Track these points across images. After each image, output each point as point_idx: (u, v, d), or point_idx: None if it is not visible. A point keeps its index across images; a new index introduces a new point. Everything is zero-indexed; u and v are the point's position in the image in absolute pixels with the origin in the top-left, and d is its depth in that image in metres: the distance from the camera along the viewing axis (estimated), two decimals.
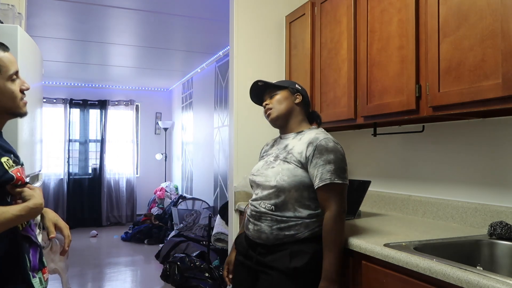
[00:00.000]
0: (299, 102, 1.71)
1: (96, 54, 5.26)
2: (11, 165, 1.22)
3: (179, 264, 3.65)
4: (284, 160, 1.61)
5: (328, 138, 1.60)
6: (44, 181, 6.67)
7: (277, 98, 1.70)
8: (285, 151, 1.64)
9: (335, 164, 1.53)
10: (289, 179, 1.56)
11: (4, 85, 1.25)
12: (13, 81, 1.27)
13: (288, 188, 1.56)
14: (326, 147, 1.55)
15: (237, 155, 2.75)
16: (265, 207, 1.60)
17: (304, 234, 1.55)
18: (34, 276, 1.24)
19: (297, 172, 1.57)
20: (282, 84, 1.74)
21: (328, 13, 2.35)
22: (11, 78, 1.26)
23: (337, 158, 1.54)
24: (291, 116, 1.70)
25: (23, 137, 1.70)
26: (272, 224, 1.57)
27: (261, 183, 1.64)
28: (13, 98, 1.27)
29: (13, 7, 1.94)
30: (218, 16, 3.72)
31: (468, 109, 1.52)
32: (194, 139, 6.49)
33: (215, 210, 5.38)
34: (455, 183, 1.94)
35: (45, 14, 3.73)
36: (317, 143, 1.56)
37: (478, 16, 1.46)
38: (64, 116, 7.14)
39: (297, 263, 1.51)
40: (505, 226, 1.53)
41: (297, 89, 1.72)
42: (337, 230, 1.50)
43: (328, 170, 1.52)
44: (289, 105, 1.69)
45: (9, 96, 1.26)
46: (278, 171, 1.59)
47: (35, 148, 2.01)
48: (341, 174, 1.53)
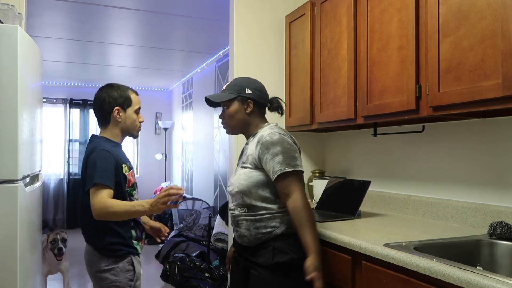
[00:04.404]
0: (251, 111, 1.72)
1: (96, 54, 5.26)
2: (126, 170, 1.82)
3: (179, 264, 3.65)
4: (242, 166, 1.71)
5: (272, 132, 1.63)
6: (44, 181, 6.67)
7: (228, 113, 1.74)
8: (245, 156, 1.72)
9: (283, 155, 1.57)
10: (246, 182, 1.64)
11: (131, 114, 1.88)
12: (136, 113, 1.91)
13: (248, 189, 1.63)
14: (271, 141, 1.59)
15: (237, 155, 2.75)
16: (239, 211, 1.68)
17: (280, 229, 1.61)
18: (138, 243, 1.86)
19: (252, 173, 1.64)
20: (231, 91, 1.73)
21: (328, 13, 2.35)
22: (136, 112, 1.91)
23: (284, 148, 1.58)
24: (246, 125, 1.75)
25: (23, 137, 1.70)
26: (249, 226, 1.64)
27: (230, 192, 1.74)
28: (134, 124, 1.91)
29: (13, 7, 1.94)
30: (218, 16, 3.72)
31: (468, 109, 1.52)
32: (194, 139, 6.49)
33: (215, 210, 5.38)
34: (455, 183, 1.94)
35: (45, 14, 3.73)
36: (263, 141, 1.61)
37: (478, 16, 1.46)
38: (64, 116, 7.14)
39: (279, 259, 1.57)
40: (505, 226, 1.53)
41: (247, 96, 1.71)
42: (306, 208, 1.55)
43: (277, 162, 1.57)
44: (240, 117, 1.73)
45: (132, 122, 1.89)
46: (237, 177, 1.69)
47: (35, 148, 2.01)
48: (291, 162, 1.57)
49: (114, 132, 1.87)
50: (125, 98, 1.86)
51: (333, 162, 2.84)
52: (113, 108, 1.84)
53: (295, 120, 2.65)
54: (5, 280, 1.60)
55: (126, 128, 1.88)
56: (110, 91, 1.86)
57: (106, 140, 1.84)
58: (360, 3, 2.06)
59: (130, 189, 1.84)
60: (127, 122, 1.87)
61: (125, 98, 1.86)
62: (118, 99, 1.85)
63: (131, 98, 1.88)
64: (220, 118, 1.80)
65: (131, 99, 1.88)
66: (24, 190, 1.72)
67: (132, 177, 1.86)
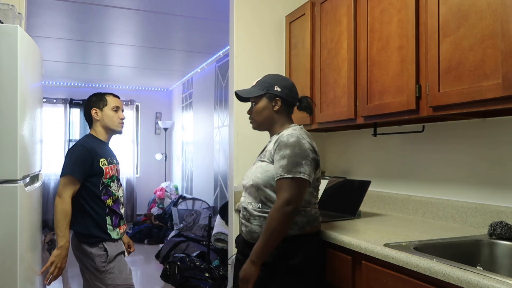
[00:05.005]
0: (278, 109, 1.71)
1: (96, 54, 5.26)
2: (104, 164, 2.09)
3: (179, 264, 3.65)
4: (260, 160, 1.69)
5: (292, 134, 1.60)
6: (44, 181, 6.67)
7: (256, 109, 1.74)
8: (264, 151, 1.71)
9: (288, 159, 1.54)
10: (261, 175, 1.62)
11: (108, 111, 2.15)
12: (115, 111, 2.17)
13: (262, 184, 1.61)
14: (285, 143, 1.58)
15: (237, 155, 2.75)
16: (252, 207, 1.65)
17: (294, 231, 1.58)
18: (114, 229, 2.08)
19: (269, 167, 1.61)
20: (261, 88, 1.72)
21: (328, 13, 2.35)
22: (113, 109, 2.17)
23: (292, 153, 1.55)
24: (272, 122, 1.74)
25: (23, 137, 1.70)
26: (261, 223, 1.61)
27: (244, 185, 1.72)
28: (112, 121, 2.16)
29: (13, 7, 1.94)
30: (218, 16, 3.72)
31: (468, 109, 1.52)
32: (194, 139, 6.49)
33: (215, 210, 5.38)
34: (455, 183, 1.94)
35: (45, 14, 3.73)
36: (280, 140, 1.60)
37: (478, 16, 1.46)
38: (64, 116, 7.14)
39: (288, 260, 1.55)
40: (505, 226, 1.53)
41: (275, 94, 1.70)
42: (273, 218, 1.52)
43: (280, 165, 1.55)
44: (267, 114, 1.72)
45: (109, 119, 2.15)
46: (254, 170, 1.68)
47: (35, 148, 2.01)
48: (292, 169, 1.53)
49: (98, 131, 2.17)
50: (100, 100, 2.17)
51: (333, 162, 2.84)
52: (91, 109, 2.16)
53: (295, 120, 2.62)
54: (5, 280, 1.60)
55: (106, 125, 2.15)
56: (90, 97, 2.22)
57: (91, 136, 2.16)
58: (360, 3, 2.06)
59: (108, 180, 2.11)
60: (105, 120, 2.15)
61: (101, 99, 2.17)
62: (95, 101, 2.17)
63: (106, 99, 2.18)
64: (248, 113, 1.79)
65: (107, 99, 2.17)
66: (24, 190, 1.72)
67: (110, 171, 2.13)
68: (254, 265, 1.52)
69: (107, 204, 2.08)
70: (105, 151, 2.16)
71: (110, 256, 2.02)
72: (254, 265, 1.52)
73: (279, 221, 1.51)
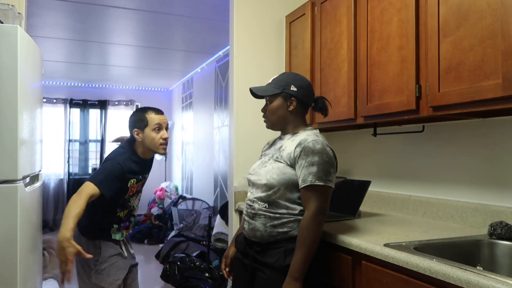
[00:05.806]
0: (293, 109, 1.68)
1: (96, 54, 5.26)
2: (132, 184, 2.04)
3: (179, 264, 3.65)
4: (275, 160, 1.65)
5: (317, 140, 1.58)
6: (44, 181, 6.67)
7: (270, 108, 1.70)
8: (279, 151, 1.67)
9: (318, 166, 1.52)
10: (278, 177, 1.59)
11: (149, 133, 2.03)
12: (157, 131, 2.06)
13: (277, 185, 1.59)
14: (312, 149, 1.55)
15: (237, 155, 2.75)
16: (259, 205, 1.63)
17: (297, 231, 1.57)
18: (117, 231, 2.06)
19: (286, 170, 1.59)
20: (276, 86, 1.69)
21: (328, 13, 2.35)
22: (154, 130, 2.05)
23: (321, 160, 1.53)
24: (286, 122, 1.71)
25: (23, 137, 1.70)
26: (266, 222, 1.60)
27: (254, 182, 1.68)
28: (154, 143, 2.05)
29: (13, 7, 1.94)
30: (218, 16, 3.72)
31: (468, 109, 1.52)
32: (194, 139, 6.48)
33: (215, 210, 5.38)
34: (455, 183, 1.94)
35: (45, 14, 3.73)
36: (305, 145, 1.57)
37: (478, 16, 1.46)
38: (64, 116, 7.14)
39: (290, 261, 1.52)
40: (505, 226, 1.53)
41: (291, 94, 1.66)
42: (309, 229, 1.50)
43: (310, 172, 1.52)
44: (282, 114, 1.69)
45: (150, 141, 2.05)
46: (269, 169, 1.63)
47: (35, 148, 2.01)
48: (323, 177, 1.52)
49: (139, 150, 2.09)
50: (141, 120, 2.05)
51: None
52: (133, 130, 2.06)
53: None
54: (5, 280, 1.60)
55: (148, 147, 2.06)
56: (131, 115, 2.11)
57: (132, 153, 2.06)
58: (360, 3, 2.07)
59: (129, 197, 2.08)
60: (146, 142, 2.05)
61: (141, 119, 2.05)
62: (136, 122, 2.05)
63: (147, 118, 2.05)
64: (262, 111, 1.76)
65: (147, 118, 2.05)
66: (24, 190, 1.72)
67: (135, 188, 2.08)
68: (298, 282, 1.48)
69: (118, 215, 2.07)
70: (141, 169, 2.11)
71: (103, 257, 2.00)
72: (298, 282, 1.48)
73: (316, 231, 1.51)
